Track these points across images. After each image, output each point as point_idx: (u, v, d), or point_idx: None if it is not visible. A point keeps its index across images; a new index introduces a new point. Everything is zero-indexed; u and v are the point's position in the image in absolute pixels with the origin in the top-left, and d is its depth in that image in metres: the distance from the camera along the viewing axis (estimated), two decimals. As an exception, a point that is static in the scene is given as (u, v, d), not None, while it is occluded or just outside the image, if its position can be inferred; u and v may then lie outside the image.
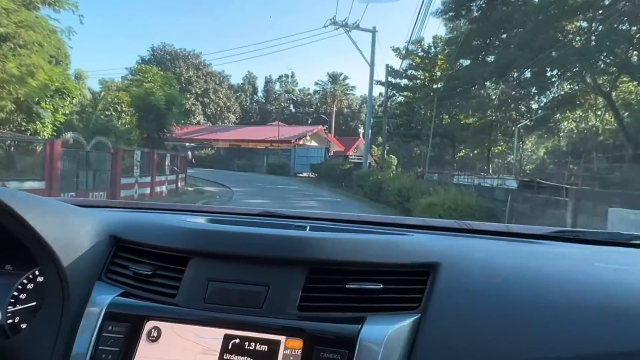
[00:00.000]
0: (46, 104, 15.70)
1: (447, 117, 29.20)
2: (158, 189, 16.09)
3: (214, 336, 0.82)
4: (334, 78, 51.60)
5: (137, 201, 13.90)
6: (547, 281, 0.82)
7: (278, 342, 0.79)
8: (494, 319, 0.76)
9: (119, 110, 16.41)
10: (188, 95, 44.43)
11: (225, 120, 47.48)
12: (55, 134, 15.83)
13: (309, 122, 48.01)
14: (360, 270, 0.88)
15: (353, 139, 40.01)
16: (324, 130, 37.81)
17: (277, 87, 56.48)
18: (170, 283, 0.91)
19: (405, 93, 29.19)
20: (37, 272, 1.02)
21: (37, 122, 15.03)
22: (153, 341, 0.83)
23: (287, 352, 0.78)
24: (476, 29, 19.76)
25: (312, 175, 27.32)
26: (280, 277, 0.88)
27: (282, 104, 54.52)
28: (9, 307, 0.98)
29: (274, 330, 0.80)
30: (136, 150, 14.66)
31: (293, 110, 54.92)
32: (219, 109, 47.91)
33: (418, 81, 28.52)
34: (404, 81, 28.60)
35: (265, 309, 0.84)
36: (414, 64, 27.98)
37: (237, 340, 0.81)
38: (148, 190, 15.28)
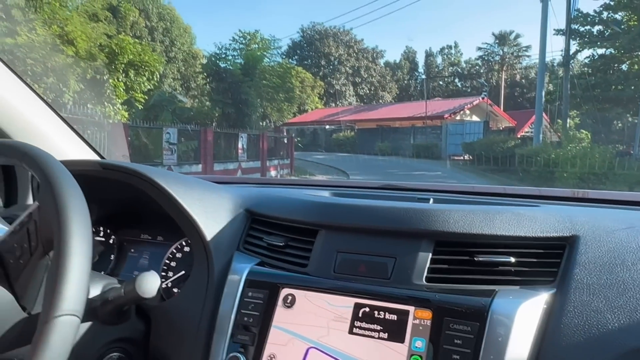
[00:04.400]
0: (116, 80, 13.29)
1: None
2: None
3: (345, 304, 0.85)
4: (501, 39, 42.37)
5: (267, 177, 12.00)
6: None
7: (407, 312, 0.81)
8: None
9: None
10: (338, 76, 41.26)
11: (380, 101, 43.10)
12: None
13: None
14: (489, 243, 0.86)
15: (529, 112, 32.20)
16: (488, 102, 30.94)
17: (439, 60, 50.24)
18: (301, 254, 0.97)
19: (599, 43, 21.84)
20: (184, 243, 1.15)
21: (107, 104, 12.60)
22: (288, 307, 0.89)
23: (417, 322, 0.79)
24: None
25: (468, 158, 21.53)
26: (406, 249, 0.88)
27: (445, 78, 48.24)
28: (163, 274, 1.13)
29: (402, 300, 0.82)
30: (166, 128, 11.08)
31: (459, 84, 48.25)
32: (372, 88, 43.70)
33: (621, 26, 21.27)
34: (597, 27, 21.48)
35: (392, 280, 0.86)
36: (612, 3, 20.86)
37: (367, 309, 0.83)
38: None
